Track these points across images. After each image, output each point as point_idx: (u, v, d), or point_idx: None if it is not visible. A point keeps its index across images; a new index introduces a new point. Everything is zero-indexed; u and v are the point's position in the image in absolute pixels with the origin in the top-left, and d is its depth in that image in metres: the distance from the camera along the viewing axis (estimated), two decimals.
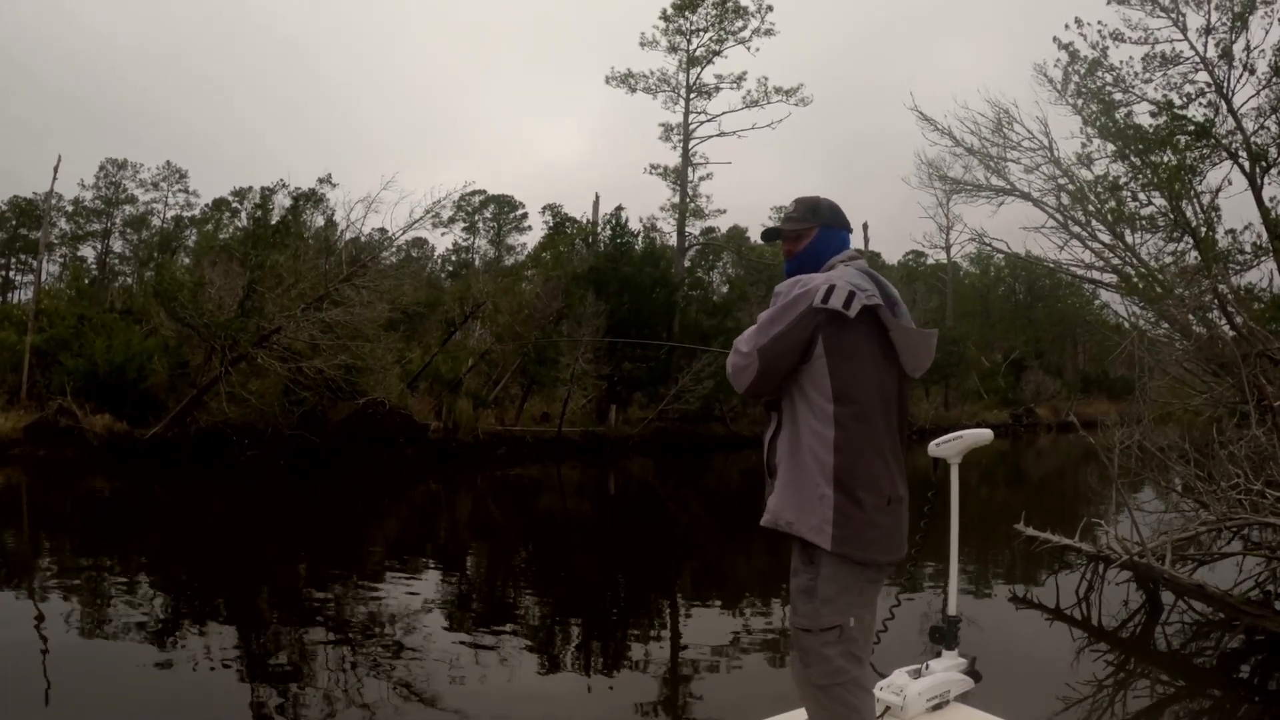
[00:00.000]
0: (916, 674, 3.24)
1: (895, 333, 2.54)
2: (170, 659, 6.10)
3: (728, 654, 6.63)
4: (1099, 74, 13.02)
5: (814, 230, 2.75)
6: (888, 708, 3.05)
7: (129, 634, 6.68)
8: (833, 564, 2.43)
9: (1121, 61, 13.13)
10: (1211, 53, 12.52)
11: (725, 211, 48.09)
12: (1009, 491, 19.25)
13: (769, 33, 36.24)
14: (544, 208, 57.08)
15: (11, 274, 55.88)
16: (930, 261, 59.93)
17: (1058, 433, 42.96)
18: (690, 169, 37.97)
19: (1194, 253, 12.40)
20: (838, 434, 2.43)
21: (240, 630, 6.97)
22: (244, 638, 6.75)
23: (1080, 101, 13.05)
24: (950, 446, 3.35)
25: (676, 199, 38.18)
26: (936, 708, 3.16)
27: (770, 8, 36.06)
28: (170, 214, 59.07)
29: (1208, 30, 12.45)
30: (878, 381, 2.53)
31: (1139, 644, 7.10)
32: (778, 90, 37.06)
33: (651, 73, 37.56)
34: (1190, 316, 11.49)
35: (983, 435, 3.39)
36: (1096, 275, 13.10)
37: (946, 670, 3.28)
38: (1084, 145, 13.14)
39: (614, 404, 29.92)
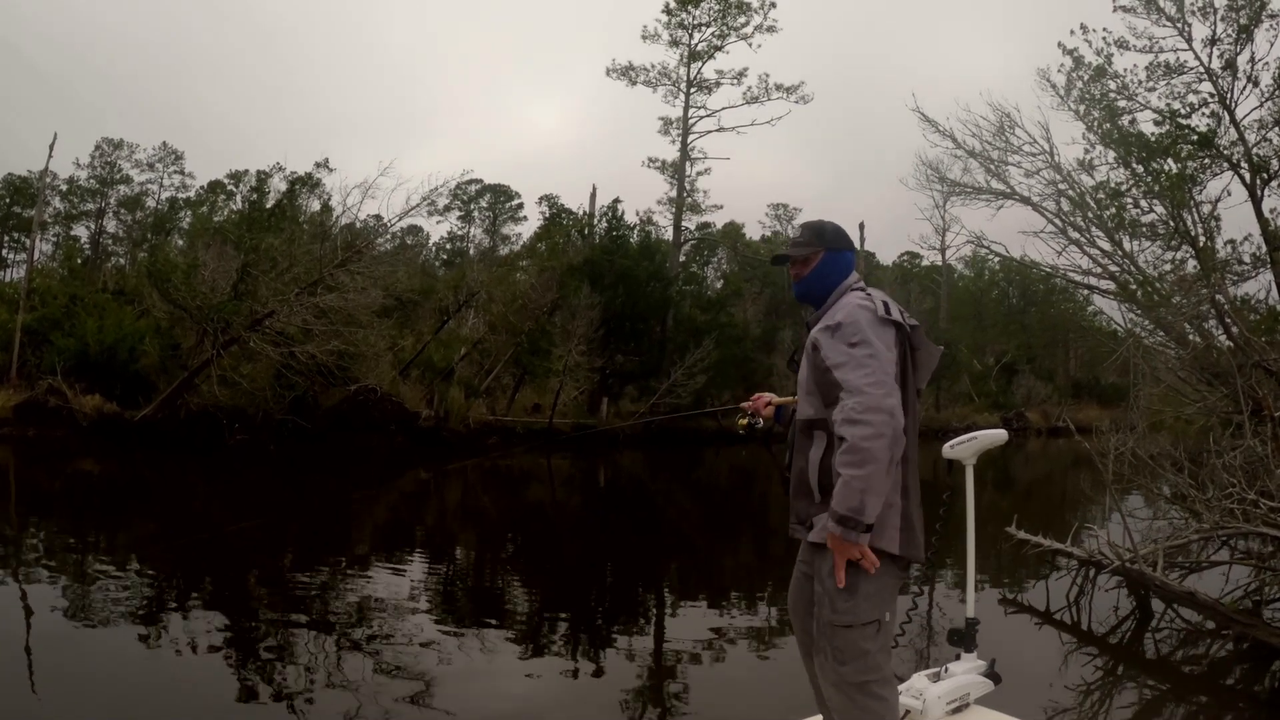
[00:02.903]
0: (936, 677, 3.21)
1: (922, 351, 2.68)
2: (155, 643, 6.06)
3: (715, 649, 6.61)
4: (1103, 81, 13.02)
5: (820, 254, 2.82)
6: (907, 711, 3.01)
7: (115, 617, 6.64)
8: (878, 561, 2.53)
9: (1125, 69, 13.15)
10: (1216, 64, 12.53)
11: (722, 207, 48.17)
12: (998, 495, 19.27)
13: (771, 29, 36.23)
14: (540, 198, 57.10)
15: (4, 252, 55.51)
16: (925, 263, 60.02)
17: (1048, 437, 43.09)
18: (688, 164, 37.93)
19: (1192, 262, 12.42)
20: (905, 445, 2.52)
21: (226, 615, 6.93)
22: (230, 623, 6.71)
23: (1083, 108, 13.05)
24: (965, 448, 3.32)
25: (674, 193, 38.13)
26: (956, 710, 3.13)
27: (774, 4, 36.05)
28: (165, 195, 58.83)
29: (1212, 41, 12.45)
30: (911, 393, 2.67)
31: (1128, 650, 7.10)
32: (778, 87, 37.06)
33: (652, 66, 37.56)
34: (1186, 325, 11.51)
35: (997, 436, 3.37)
36: (1094, 281, 13.11)
37: (966, 673, 3.25)
38: (1086, 151, 13.13)
39: (606, 396, 29.92)
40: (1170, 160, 12.56)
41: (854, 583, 2.51)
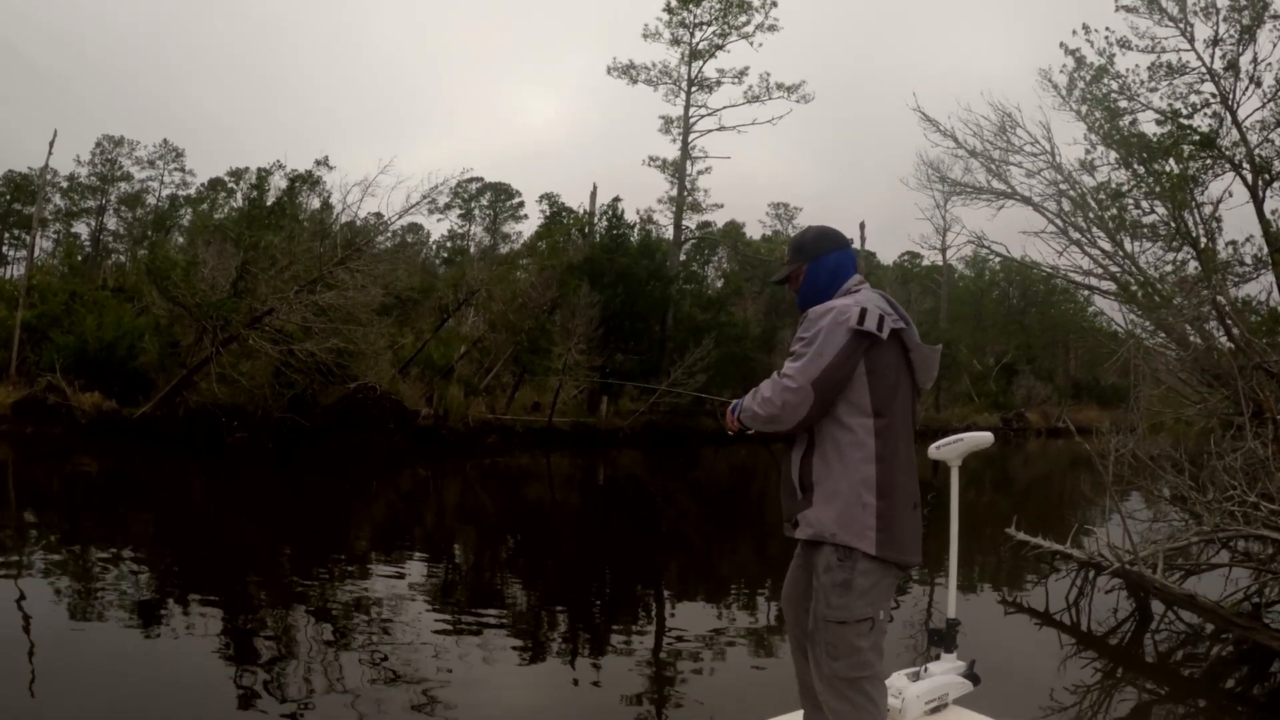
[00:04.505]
0: (915, 676, 3.24)
1: (915, 353, 2.78)
2: (154, 642, 6.05)
3: (713, 648, 6.59)
4: (1105, 81, 12.99)
5: (803, 267, 2.95)
6: (886, 710, 3.04)
7: (113, 616, 6.62)
8: (869, 559, 2.60)
9: (1127, 69, 13.12)
10: (1218, 64, 12.49)
11: (722, 206, 48.08)
12: (997, 495, 19.26)
13: (772, 28, 36.15)
14: (541, 196, 56.93)
15: (4, 249, 55.48)
16: (926, 263, 59.96)
17: (1047, 438, 43.09)
18: (689, 162, 37.87)
19: (1194, 263, 12.39)
20: (878, 445, 2.63)
21: (224, 614, 6.91)
22: (228, 621, 6.69)
23: (1084, 108, 13.03)
24: (951, 449, 3.35)
25: (674, 191, 38.07)
26: (935, 710, 3.16)
27: (775, 3, 35.98)
28: (166, 193, 58.81)
29: (1215, 41, 12.42)
30: (904, 394, 2.75)
31: (1127, 652, 7.08)
32: (779, 86, 36.98)
33: (653, 64, 37.48)
34: (1187, 327, 11.48)
35: (983, 438, 3.38)
36: (1095, 282, 13.09)
37: (945, 673, 3.27)
38: (1087, 152, 13.11)
39: (605, 395, 29.88)
40: (1172, 161, 12.53)
41: (848, 580, 2.58)
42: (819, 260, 2.91)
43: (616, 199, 33.28)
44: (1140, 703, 5.98)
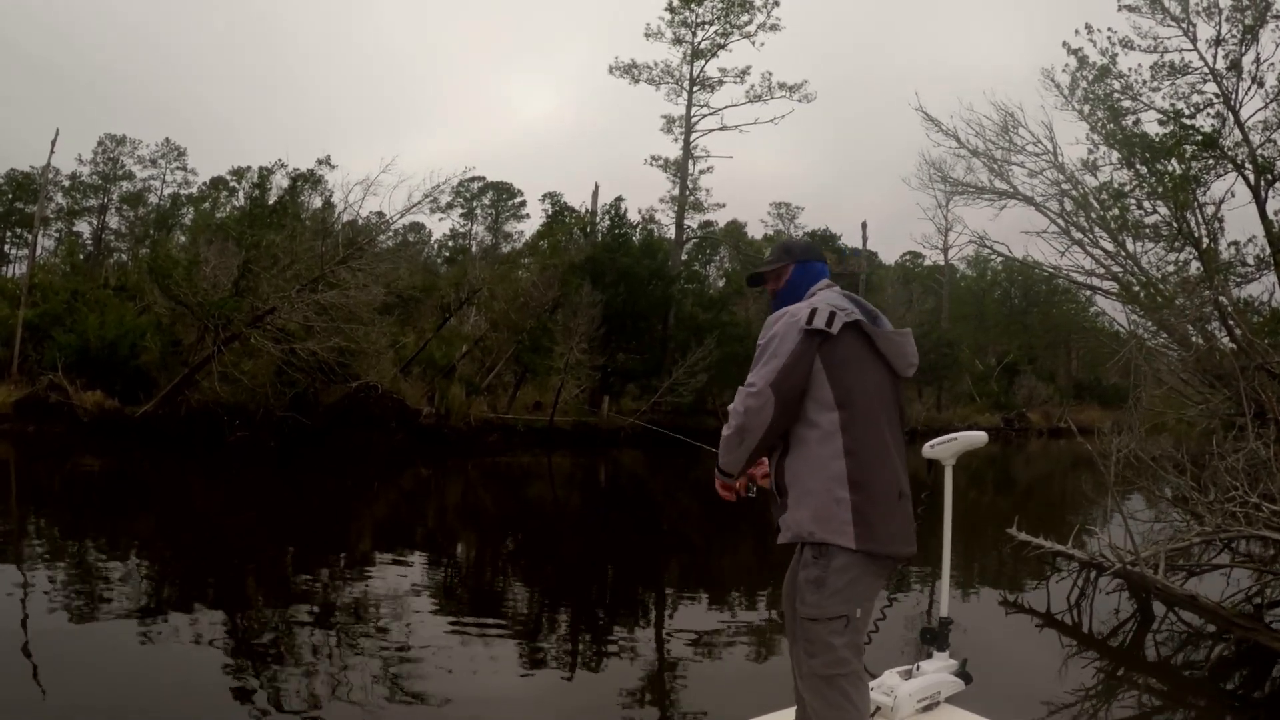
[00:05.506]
0: (907, 675, 3.27)
1: (880, 340, 2.76)
2: (155, 642, 6.04)
3: (713, 647, 6.60)
4: (1107, 81, 12.99)
5: (790, 267, 3.01)
6: (878, 708, 3.08)
7: (114, 615, 6.62)
8: (846, 556, 2.58)
9: (1130, 69, 13.12)
10: (1220, 64, 12.49)
11: (724, 205, 48.14)
12: (997, 495, 19.25)
13: (774, 27, 36.14)
14: (543, 196, 57.03)
15: (7, 248, 55.54)
16: (927, 263, 59.95)
17: (1049, 438, 43.06)
18: (691, 162, 37.85)
19: (1196, 263, 12.38)
20: (845, 438, 2.61)
21: (226, 614, 6.91)
22: (230, 621, 6.70)
23: (1087, 108, 13.03)
24: (945, 448, 3.36)
25: (676, 191, 38.06)
26: (927, 709, 3.18)
27: (777, 2, 35.96)
28: (168, 192, 58.87)
29: (1217, 41, 12.41)
30: (873, 385, 2.73)
31: (1129, 653, 7.07)
32: (781, 85, 36.96)
33: (655, 64, 37.46)
34: (1189, 327, 11.47)
35: (977, 438, 3.39)
36: (1097, 282, 13.10)
37: (937, 671, 3.30)
38: (1089, 152, 13.12)
39: (607, 394, 29.87)
40: (1174, 161, 12.52)
41: (822, 577, 2.57)
42: (806, 265, 2.98)
43: (618, 198, 33.34)
44: (1141, 703, 5.98)
